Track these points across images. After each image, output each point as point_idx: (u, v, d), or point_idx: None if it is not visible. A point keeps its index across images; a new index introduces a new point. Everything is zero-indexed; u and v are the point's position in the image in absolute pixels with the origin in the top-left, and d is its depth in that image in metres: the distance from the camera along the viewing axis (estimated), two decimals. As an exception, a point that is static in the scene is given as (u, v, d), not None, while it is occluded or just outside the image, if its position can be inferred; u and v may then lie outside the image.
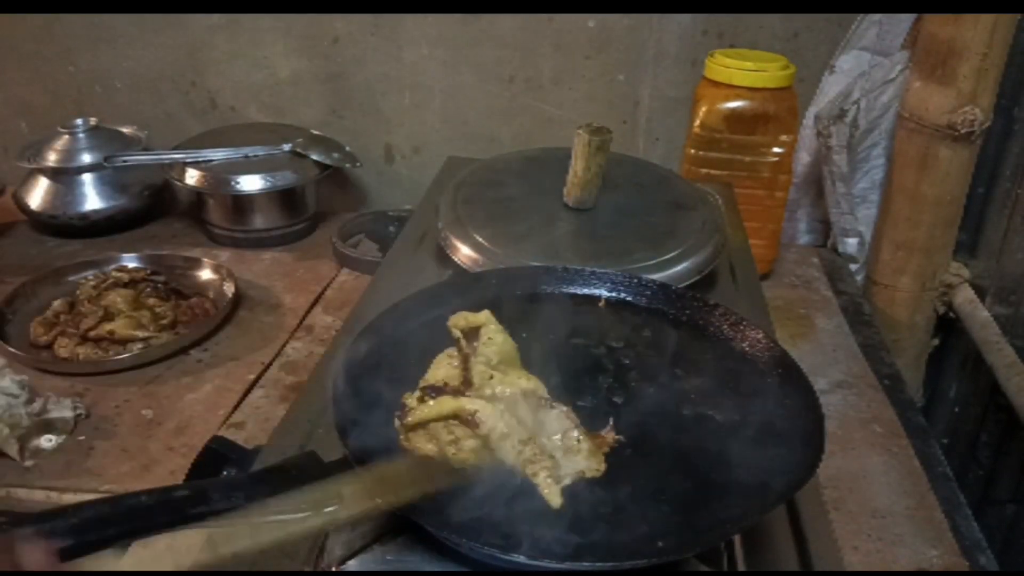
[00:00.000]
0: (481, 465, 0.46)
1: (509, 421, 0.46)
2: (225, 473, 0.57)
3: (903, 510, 0.74)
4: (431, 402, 0.47)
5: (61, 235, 1.22)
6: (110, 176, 1.20)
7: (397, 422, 0.48)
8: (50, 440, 0.78)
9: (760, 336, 0.60)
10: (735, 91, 1.02)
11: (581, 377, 0.57)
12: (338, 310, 1.04)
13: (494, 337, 0.51)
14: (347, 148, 1.23)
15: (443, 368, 0.51)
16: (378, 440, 0.48)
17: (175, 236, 1.23)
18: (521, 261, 0.71)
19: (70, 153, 1.18)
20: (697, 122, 1.04)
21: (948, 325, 1.16)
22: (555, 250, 0.74)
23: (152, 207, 1.27)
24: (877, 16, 1.05)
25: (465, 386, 0.49)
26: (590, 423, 0.53)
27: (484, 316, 0.53)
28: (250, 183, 1.14)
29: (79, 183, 1.19)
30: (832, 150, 1.07)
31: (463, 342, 0.52)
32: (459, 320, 0.53)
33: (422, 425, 0.47)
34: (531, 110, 1.24)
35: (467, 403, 0.46)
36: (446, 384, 0.50)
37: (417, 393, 0.50)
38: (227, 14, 1.22)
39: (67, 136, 1.19)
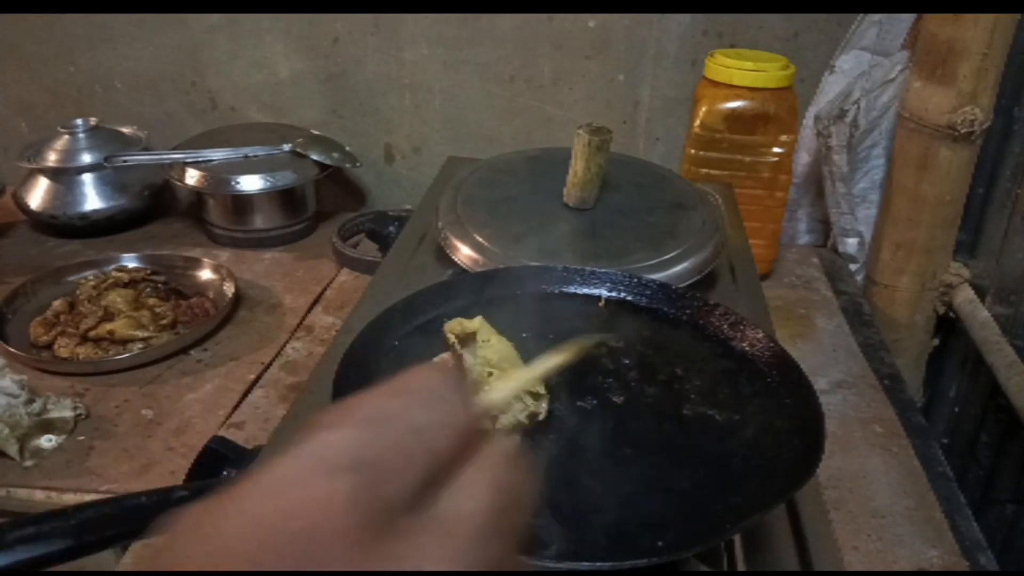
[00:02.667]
0: None
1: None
2: (225, 473, 0.57)
3: (903, 510, 0.74)
4: None
5: (61, 235, 1.22)
6: (110, 176, 1.20)
7: None
8: (50, 440, 0.78)
9: (760, 336, 0.60)
10: (735, 91, 1.02)
11: (581, 377, 0.57)
12: (338, 310, 1.04)
13: (490, 339, 0.52)
14: (347, 148, 1.23)
15: None
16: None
17: (175, 236, 1.23)
18: (521, 261, 0.71)
19: (70, 153, 1.18)
20: (697, 122, 1.04)
21: (948, 325, 1.16)
22: (555, 250, 0.74)
23: (152, 207, 1.27)
24: (877, 16, 1.05)
25: None
26: (590, 423, 0.53)
27: (478, 322, 0.53)
28: (250, 183, 1.14)
29: (79, 183, 1.19)
30: (832, 150, 1.07)
31: (457, 346, 0.52)
32: (455, 326, 0.53)
33: None
34: (531, 110, 1.24)
35: None
36: None
37: None
38: (227, 14, 1.22)
39: (67, 136, 1.19)
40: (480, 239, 0.75)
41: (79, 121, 1.21)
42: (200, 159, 1.16)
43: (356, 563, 0.19)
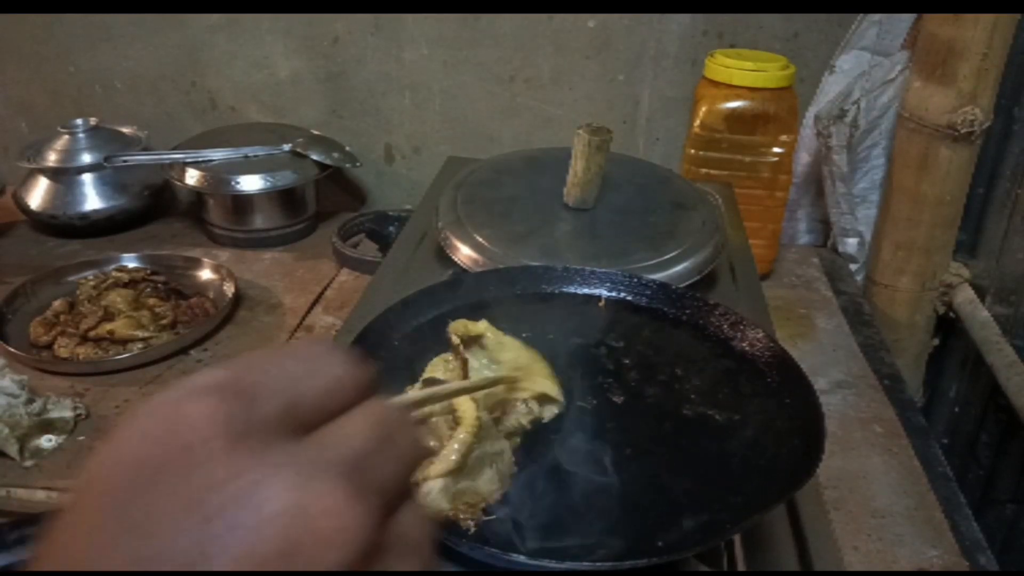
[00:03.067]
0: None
1: (486, 424, 0.46)
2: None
3: (903, 510, 0.74)
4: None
5: (61, 235, 1.22)
6: (110, 176, 1.20)
7: None
8: (50, 440, 0.78)
9: (760, 336, 0.60)
10: (735, 91, 1.02)
11: (581, 377, 0.57)
12: (338, 310, 1.04)
13: (503, 341, 0.52)
14: (347, 148, 1.23)
15: (439, 370, 0.52)
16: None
17: (175, 236, 1.23)
18: (521, 261, 0.71)
19: (70, 153, 1.18)
20: (697, 122, 1.04)
21: (948, 325, 1.16)
22: (555, 250, 0.74)
23: (152, 207, 1.27)
24: (877, 16, 1.05)
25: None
26: (590, 423, 0.53)
27: (483, 325, 0.53)
28: (250, 183, 1.14)
29: (79, 183, 1.19)
30: (832, 150, 1.07)
31: (461, 348, 0.52)
32: (459, 327, 0.54)
33: (423, 420, 0.47)
34: (531, 110, 1.24)
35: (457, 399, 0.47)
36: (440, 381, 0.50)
37: (419, 385, 0.50)
38: (227, 14, 1.22)
39: (67, 136, 1.19)
40: (480, 239, 0.75)
41: (79, 121, 1.21)
42: (200, 159, 1.16)
43: (225, 466, 0.20)
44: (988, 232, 1.11)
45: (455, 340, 0.53)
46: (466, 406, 0.46)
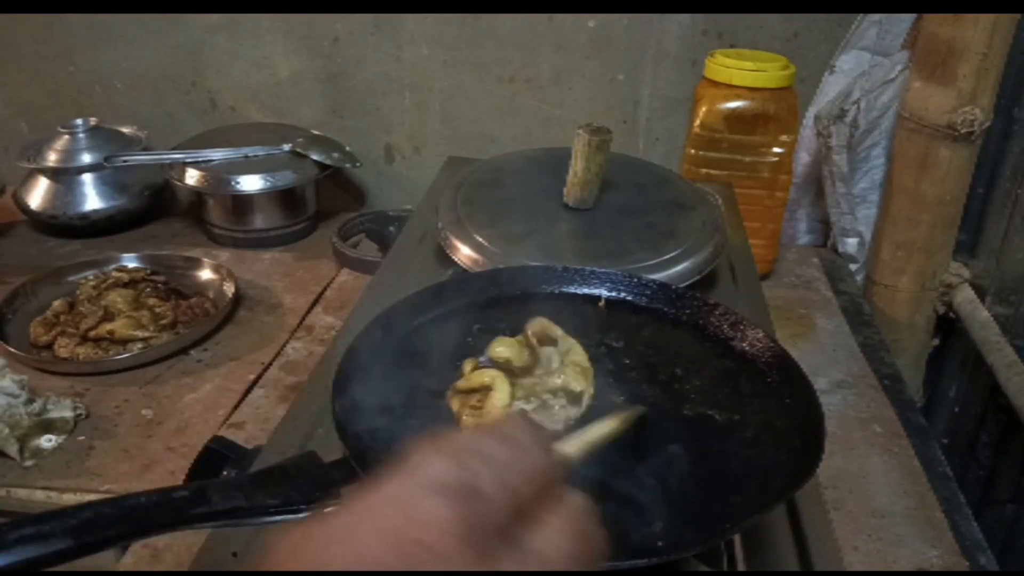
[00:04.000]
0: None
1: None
2: (225, 473, 0.57)
3: (903, 510, 0.74)
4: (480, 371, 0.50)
5: (61, 235, 1.22)
6: (110, 176, 1.20)
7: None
8: (50, 440, 0.78)
9: (760, 336, 0.60)
10: (735, 91, 1.02)
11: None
12: (338, 310, 1.04)
13: (572, 347, 0.54)
14: (347, 148, 1.23)
15: (512, 351, 0.52)
16: (378, 439, 0.48)
17: (175, 236, 1.23)
18: (521, 261, 0.71)
19: (70, 153, 1.18)
20: (697, 122, 1.04)
21: (948, 325, 1.16)
22: (555, 250, 0.74)
23: (152, 207, 1.27)
24: (877, 16, 1.06)
25: (523, 373, 0.51)
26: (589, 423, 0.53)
27: (559, 331, 0.55)
28: (250, 183, 1.14)
29: (79, 183, 1.19)
30: (832, 150, 1.07)
31: (537, 346, 0.53)
32: (538, 327, 0.55)
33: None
34: (531, 110, 1.24)
35: (487, 375, 0.49)
36: (508, 361, 0.51)
37: (471, 361, 0.52)
38: (227, 14, 1.22)
39: (67, 136, 1.19)
40: (480, 239, 0.75)
41: (79, 121, 1.21)
42: (200, 159, 1.16)
43: (461, 571, 0.21)
44: (988, 232, 1.11)
45: (534, 341, 0.53)
46: (496, 400, 0.47)
